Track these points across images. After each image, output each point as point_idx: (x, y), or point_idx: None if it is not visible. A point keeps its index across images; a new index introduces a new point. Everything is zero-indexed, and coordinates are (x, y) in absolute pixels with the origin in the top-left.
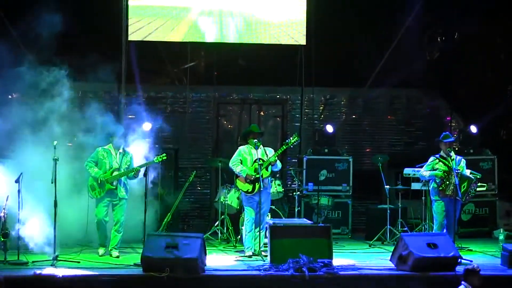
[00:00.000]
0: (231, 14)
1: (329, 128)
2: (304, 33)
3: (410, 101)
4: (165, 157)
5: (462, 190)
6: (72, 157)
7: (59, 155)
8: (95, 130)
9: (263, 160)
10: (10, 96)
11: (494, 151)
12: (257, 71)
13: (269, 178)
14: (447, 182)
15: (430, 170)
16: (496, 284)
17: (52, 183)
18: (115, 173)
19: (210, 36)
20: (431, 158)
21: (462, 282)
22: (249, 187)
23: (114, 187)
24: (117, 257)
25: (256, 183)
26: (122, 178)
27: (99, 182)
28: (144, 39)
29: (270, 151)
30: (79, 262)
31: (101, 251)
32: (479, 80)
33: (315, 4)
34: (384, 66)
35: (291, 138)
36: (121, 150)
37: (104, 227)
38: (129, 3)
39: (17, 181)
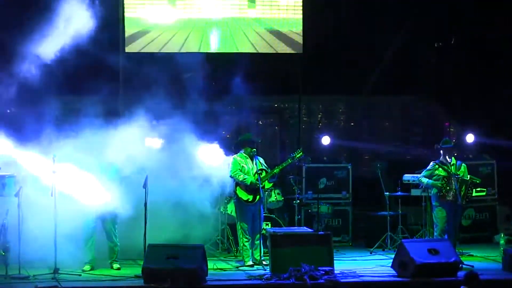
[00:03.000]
0: (228, 24)
1: (325, 140)
2: (301, 41)
3: (407, 107)
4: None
5: (461, 194)
6: None
7: None
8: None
9: (266, 172)
10: None
11: (493, 156)
12: (255, 80)
13: (270, 188)
14: (447, 188)
15: (428, 177)
16: None
17: (51, 196)
18: None
19: (208, 46)
20: (431, 164)
21: (462, 287)
22: (249, 196)
23: None
24: (118, 269)
25: (257, 194)
26: None
27: None
28: (141, 51)
29: (262, 161)
30: (80, 275)
31: (86, 267)
32: (475, 85)
33: (312, 13)
34: (381, 73)
35: (296, 152)
36: (104, 164)
37: (91, 242)
38: (126, 14)
39: (16, 195)
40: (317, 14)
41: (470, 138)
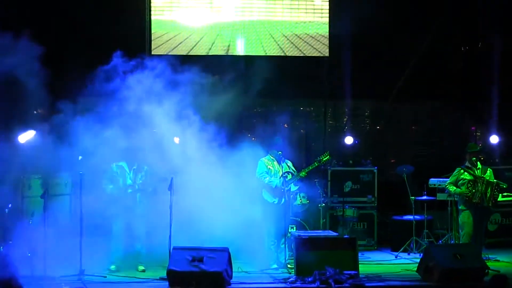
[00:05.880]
0: (255, 27)
1: (348, 140)
2: (328, 44)
3: (433, 112)
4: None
5: (487, 196)
6: None
7: None
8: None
9: (292, 174)
10: None
11: None
12: (281, 84)
13: (296, 191)
14: (473, 191)
15: (454, 183)
16: None
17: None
18: (129, 190)
19: (234, 49)
20: (457, 169)
21: None
22: (275, 199)
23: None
24: (143, 271)
25: (283, 196)
26: (137, 195)
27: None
28: (168, 53)
29: (290, 164)
30: (105, 276)
31: (113, 267)
32: (502, 89)
33: (339, 17)
34: (408, 77)
35: (323, 156)
36: (135, 167)
37: (120, 243)
38: (152, 17)
39: (42, 196)
40: (343, 17)
41: (494, 139)
